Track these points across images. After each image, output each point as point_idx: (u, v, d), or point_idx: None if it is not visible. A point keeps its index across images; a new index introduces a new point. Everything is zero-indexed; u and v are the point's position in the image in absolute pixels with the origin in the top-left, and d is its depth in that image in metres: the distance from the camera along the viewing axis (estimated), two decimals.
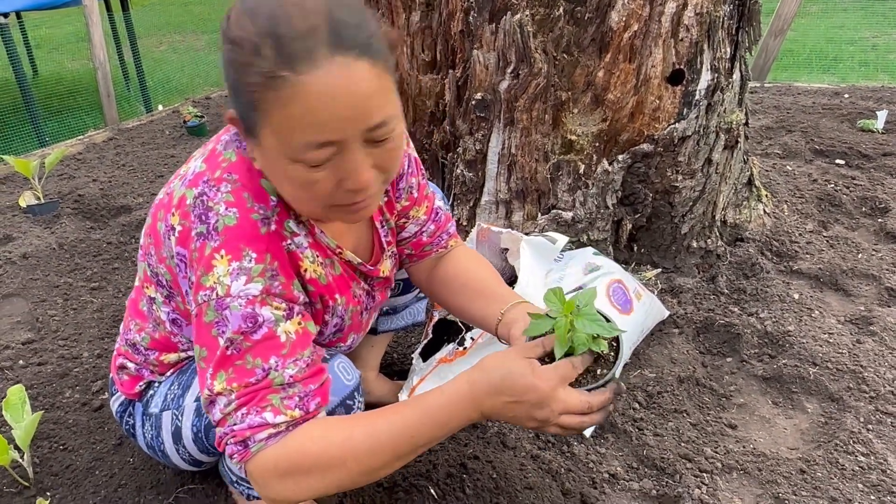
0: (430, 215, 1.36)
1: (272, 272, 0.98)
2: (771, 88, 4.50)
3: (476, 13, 2.02)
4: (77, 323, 2.14)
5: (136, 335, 1.26)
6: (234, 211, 0.98)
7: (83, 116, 4.91)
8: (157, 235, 1.07)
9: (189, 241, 0.98)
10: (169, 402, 1.24)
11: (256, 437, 0.95)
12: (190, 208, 0.99)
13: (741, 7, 2.03)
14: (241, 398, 0.95)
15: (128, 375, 1.30)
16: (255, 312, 0.96)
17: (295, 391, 0.97)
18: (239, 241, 0.97)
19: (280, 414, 0.96)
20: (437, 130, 2.29)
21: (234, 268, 0.96)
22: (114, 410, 1.37)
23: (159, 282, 1.13)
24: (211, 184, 1.00)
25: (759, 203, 2.48)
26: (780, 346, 1.91)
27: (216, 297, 0.96)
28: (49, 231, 2.74)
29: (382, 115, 0.88)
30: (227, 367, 0.96)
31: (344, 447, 0.96)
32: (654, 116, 2.00)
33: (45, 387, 1.83)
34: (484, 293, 1.29)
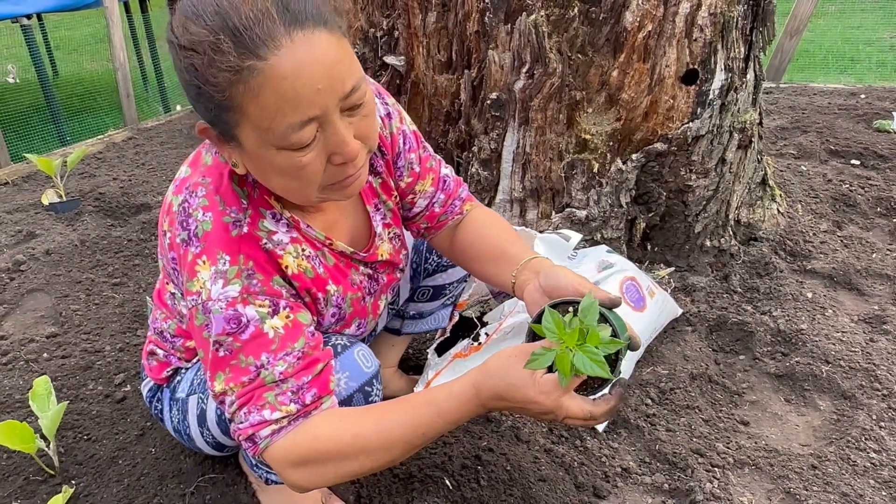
0: (437, 185, 1.35)
1: (248, 272, 1.01)
2: (786, 89, 4.49)
3: (491, 14, 2.04)
4: (99, 318, 2.19)
5: (162, 323, 1.31)
6: (210, 216, 1.01)
7: (103, 116, 4.98)
8: (161, 238, 1.11)
9: (175, 247, 1.03)
10: (195, 386, 1.28)
11: (260, 434, 1.01)
12: (175, 215, 1.03)
13: (755, 7, 2.04)
14: (241, 398, 1.01)
15: (157, 361, 1.35)
16: (237, 313, 0.99)
17: (287, 386, 1.01)
18: (215, 245, 1.00)
19: (276, 410, 1.00)
20: (453, 129, 2.31)
21: (212, 272, 0.99)
22: (144, 395, 1.43)
23: (173, 280, 1.16)
24: (191, 189, 1.03)
25: (772, 202, 2.49)
26: (792, 344, 1.92)
27: (201, 301, 1.00)
28: (71, 228, 2.79)
29: (353, 80, 0.90)
30: (224, 368, 1.01)
31: (355, 444, 1.00)
32: (668, 116, 2.02)
33: (69, 379, 1.87)
34: (495, 256, 1.30)
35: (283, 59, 0.84)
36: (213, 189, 1.02)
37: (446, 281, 1.65)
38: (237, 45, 0.83)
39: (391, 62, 2.34)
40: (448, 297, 1.69)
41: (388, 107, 1.24)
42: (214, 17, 0.84)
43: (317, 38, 0.86)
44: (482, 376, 1.02)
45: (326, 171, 0.95)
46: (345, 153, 0.93)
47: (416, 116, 2.40)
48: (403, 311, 1.71)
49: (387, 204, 1.29)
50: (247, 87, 0.84)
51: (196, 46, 0.84)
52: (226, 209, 1.02)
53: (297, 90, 0.85)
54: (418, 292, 1.66)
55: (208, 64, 0.84)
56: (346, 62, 0.89)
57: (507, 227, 1.38)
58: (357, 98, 0.91)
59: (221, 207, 1.01)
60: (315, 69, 0.85)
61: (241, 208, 1.03)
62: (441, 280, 1.64)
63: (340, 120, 0.91)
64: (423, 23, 2.25)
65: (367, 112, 0.96)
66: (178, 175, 1.10)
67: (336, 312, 1.19)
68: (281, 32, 0.84)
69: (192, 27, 0.85)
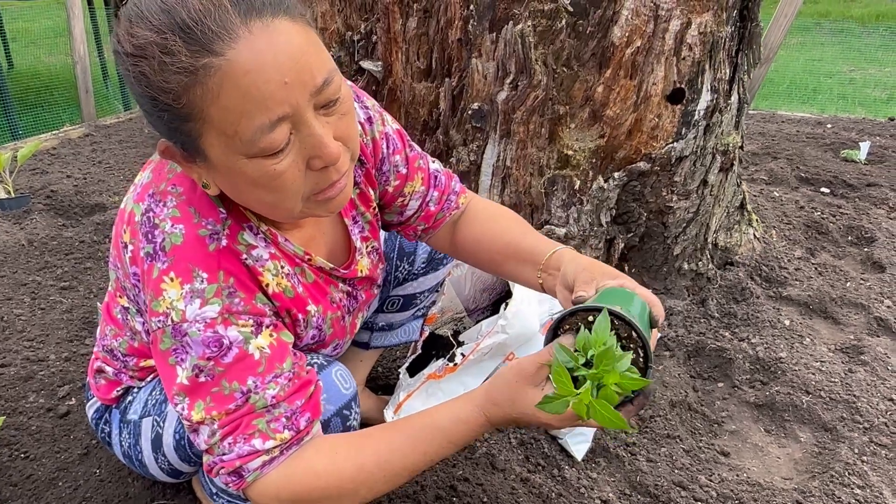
0: (428, 183, 1.26)
1: (229, 290, 0.90)
2: (755, 115, 4.54)
3: (476, 21, 1.98)
4: (45, 324, 2.04)
5: (112, 341, 1.17)
6: (181, 228, 0.89)
7: (59, 112, 4.78)
8: (118, 249, 0.98)
9: (139, 261, 0.91)
10: (150, 408, 1.15)
11: (249, 467, 0.89)
12: (138, 226, 0.91)
13: (742, 29, 2.02)
14: (225, 427, 0.89)
15: (105, 380, 1.22)
16: (218, 335, 0.88)
17: (280, 412, 0.90)
18: (187, 261, 0.88)
19: (269, 439, 0.89)
20: (430, 140, 2.24)
21: (185, 291, 0.88)
22: (89, 417, 1.29)
23: (128, 295, 1.04)
24: (157, 198, 0.91)
25: (749, 227, 2.47)
26: (771, 372, 1.88)
27: (171, 323, 0.88)
28: (18, 227, 2.63)
29: (324, 72, 0.80)
30: (204, 396, 0.89)
31: (357, 479, 0.91)
32: (653, 135, 1.98)
33: (6, 390, 1.72)
34: (511, 254, 1.20)
35: (242, 52, 0.74)
36: (185, 199, 0.91)
37: (417, 290, 1.56)
38: (188, 43, 0.73)
39: (368, 67, 2.26)
40: (419, 308, 1.61)
41: (367, 110, 1.14)
42: (160, 15, 0.74)
43: (278, 26, 0.77)
44: (492, 407, 0.95)
45: (307, 178, 0.85)
46: (324, 155, 0.83)
47: None
48: (372, 323, 1.61)
49: (365, 216, 1.19)
50: (205, 89, 0.75)
51: (143, 51, 0.75)
52: (201, 221, 0.90)
53: (261, 86, 0.75)
54: (388, 302, 1.57)
55: (159, 69, 0.75)
56: (314, 52, 0.80)
57: (511, 216, 1.28)
58: (331, 93, 0.81)
59: (196, 220, 0.90)
60: (280, 60, 0.76)
61: (218, 219, 0.92)
62: (412, 289, 1.56)
63: (315, 118, 0.81)
64: (403, 28, 2.17)
65: (346, 110, 0.86)
66: (137, 181, 0.98)
67: (316, 335, 1.10)
68: (237, 23, 0.74)
69: (136, 31, 0.75)
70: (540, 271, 1.14)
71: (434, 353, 1.74)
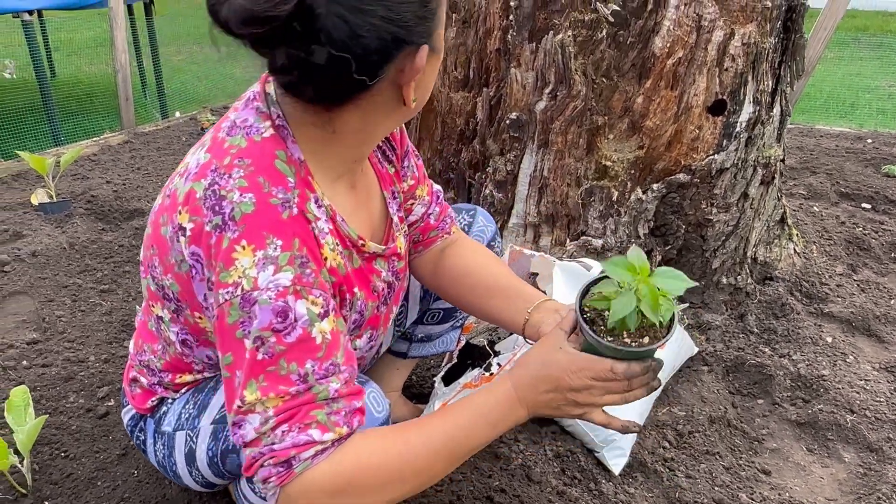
0: (432, 197, 1.31)
1: (302, 259, 0.89)
2: (793, 129, 4.46)
3: (515, 32, 1.98)
4: (85, 325, 2.07)
5: (149, 356, 1.17)
6: (251, 196, 0.88)
7: (99, 119, 4.88)
8: (162, 242, 0.98)
9: (204, 237, 0.89)
10: (183, 421, 1.15)
11: (302, 456, 0.86)
12: (201, 201, 0.90)
13: (785, 41, 1.99)
14: (281, 415, 0.86)
15: (140, 389, 1.22)
16: (286, 306, 0.86)
17: (340, 407, 0.89)
18: (260, 228, 0.87)
19: (328, 431, 0.87)
20: (466, 149, 2.24)
21: (259, 257, 0.86)
22: (125, 423, 1.29)
23: (165, 296, 1.03)
24: (220, 172, 0.91)
25: (789, 242, 2.42)
26: (814, 390, 1.84)
27: (241, 292, 0.85)
28: (60, 230, 2.68)
29: None
30: (258, 375, 0.86)
31: (403, 458, 0.90)
32: (693, 146, 1.95)
33: (48, 390, 1.75)
34: (502, 291, 1.24)
35: None
36: (253, 170, 0.91)
37: None
38: None
39: None
40: (458, 320, 1.61)
41: None
42: None
43: None
44: (518, 369, 1.00)
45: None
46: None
47: (429, 134, 2.32)
48: (411, 334, 1.61)
49: (399, 196, 1.22)
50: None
51: None
52: (271, 189, 0.90)
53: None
54: (428, 315, 1.57)
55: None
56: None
57: (502, 262, 1.33)
58: None
59: (266, 189, 0.90)
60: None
61: (288, 188, 0.92)
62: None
63: None
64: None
65: None
66: (191, 164, 0.97)
67: (357, 319, 1.09)
68: None
69: None
70: (532, 308, 1.18)
71: (470, 362, 1.73)
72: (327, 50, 0.80)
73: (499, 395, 0.98)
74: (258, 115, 0.96)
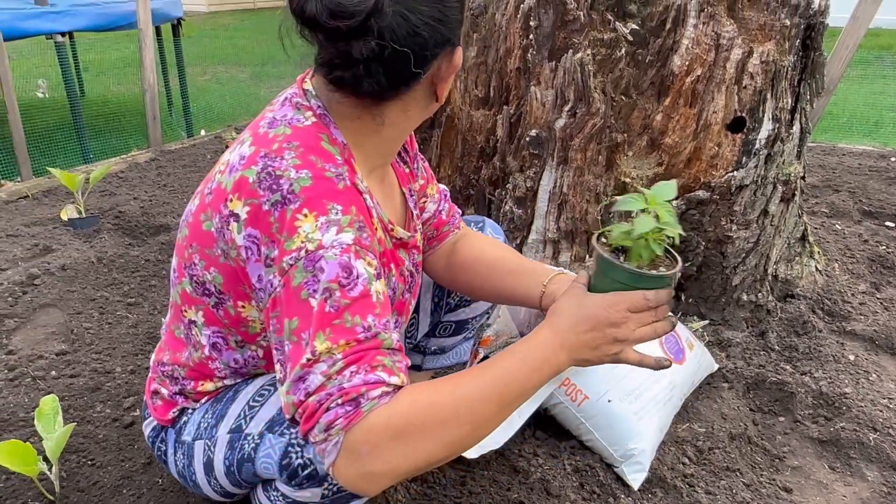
0: (441, 195, 1.39)
1: (359, 223, 0.95)
2: (815, 148, 4.44)
3: (535, 51, 2.01)
4: (112, 337, 2.11)
5: (173, 366, 1.20)
6: (306, 172, 0.95)
7: (126, 138, 4.98)
8: (205, 237, 1.02)
9: (262, 216, 0.94)
10: (202, 431, 1.18)
11: (371, 394, 0.87)
12: (255, 185, 0.95)
13: (805, 59, 2.00)
14: (349, 356, 0.88)
15: (161, 401, 1.25)
16: (350, 263, 0.91)
17: (399, 359, 0.93)
18: (320, 197, 0.93)
19: (394, 375, 0.90)
20: (486, 166, 2.26)
21: (321, 222, 0.92)
22: (146, 435, 1.31)
23: (206, 291, 1.07)
24: (272, 156, 0.97)
25: (811, 260, 2.41)
26: (836, 408, 1.83)
27: (305, 254, 0.90)
28: (88, 245, 2.74)
29: None
30: (325, 327, 0.89)
31: (456, 397, 0.92)
32: (712, 163, 1.96)
33: (76, 399, 1.79)
34: (515, 270, 1.30)
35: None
36: (303, 150, 0.97)
37: (469, 315, 1.58)
38: None
39: None
40: (470, 331, 1.64)
41: None
42: None
43: None
44: (554, 316, 1.05)
45: None
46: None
47: (450, 151, 2.36)
48: (425, 347, 1.64)
49: (414, 195, 1.29)
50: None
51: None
52: (324, 165, 0.97)
53: None
54: (440, 327, 1.59)
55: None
56: None
57: (511, 248, 1.39)
58: None
59: (319, 165, 0.96)
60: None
61: (337, 164, 0.99)
62: (464, 315, 1.58)
63: None
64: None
65: None
66: (232, 160, 1.01)
67: (391, 296, 1.14)
68: None
69: None
70: (547, 280, 1.24)
71: None
72: (390, 44, 0.90)
73: (539, 340, 1.02)
74: (297, 108, 1.03)
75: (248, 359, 1.15)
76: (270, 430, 1.06)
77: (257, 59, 8.54)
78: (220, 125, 5.16)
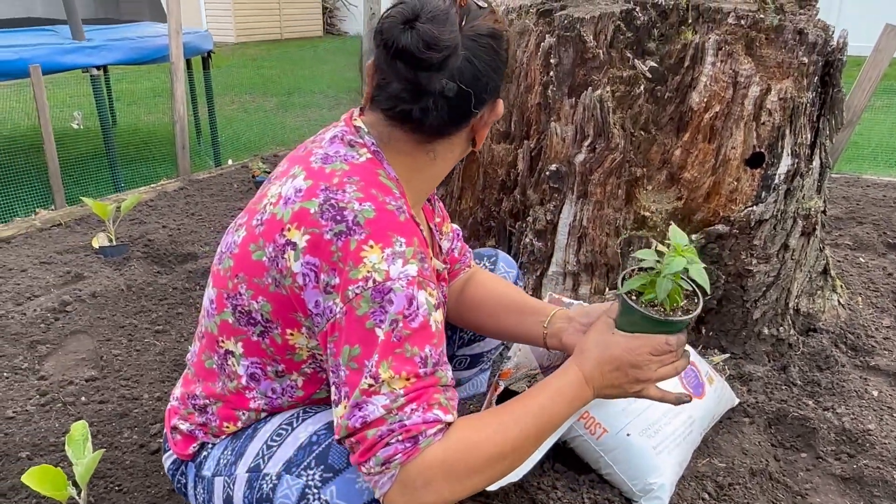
0: (455, 234, 1.44)
1: (421, 255, 1.00)
2: (839, 179, 4.42)
3: (555, 87, 2.05)
4: (139, 364, 2.16)
5: (206, 398, 1.22)
6: (370, 205, 1.00)
7: (156, 166, 5.11)
8: (256, 266, 1.05)
9: (324, 245, 0.98)
10: (221, 467, 1.19)
11: (429, 432, 0.94)
12: (317, 215, 1.00)
13: (823, 95, 2.02)
14: (410, 394, 0.94)
15: (181, 435, 1.27)
16: (413, 294, 0.96)
17: (451, 395, 0.99)
18: (385, 229, 0.98)
19: (449, 413, 0.96)
20: (507, 199, 2.30)
21: (387, 253, 0.97)
22: (165, 467, 1.34)
23: (250, 320, 1.09)
24: (333, 189, 1.02)
25: (833, 293, 2.40)
26: (859, 444, 1.81)
27: (373, 284, 0.95)
28: (118, 272, 2.81)
29: None
30: (388, 356, 0.94)
31: (501, 435, 1.00)
32: (731, 198, 1.98)
33: (104, 425, 1.84)
34: (518, 309, 1.36)
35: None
36: (364, 184, 1.03)
37: (484, 349, 1.61)
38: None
39: None
40: (485, 363, 1.67)
41: None
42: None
43: None
44: (580, 355, 1.13)
45: None
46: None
47: (471, 183, 2.40)
48: None
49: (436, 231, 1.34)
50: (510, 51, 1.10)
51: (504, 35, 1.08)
52: (385, 199, 1.02)
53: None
54: (455, 361, 1.62)
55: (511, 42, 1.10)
56: None
57: (514, 286, 1.46)
58: None
59: (381, 198, 1.02)
60: None
61: (395, 197, 1.04)
62: (479, 349, 1.61)
63: None
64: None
65: None
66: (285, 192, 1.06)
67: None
68: None
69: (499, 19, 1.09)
70: (547, 320, 1.30)
71: None
72: (458, 83, 1.01)
73: (570, 375, 1.10)
74: (350, 146, 1.09)
75: (285, 388, 1.17)
76: (288, 472, 1.07)
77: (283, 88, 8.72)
78: (246, 154, 5.27)
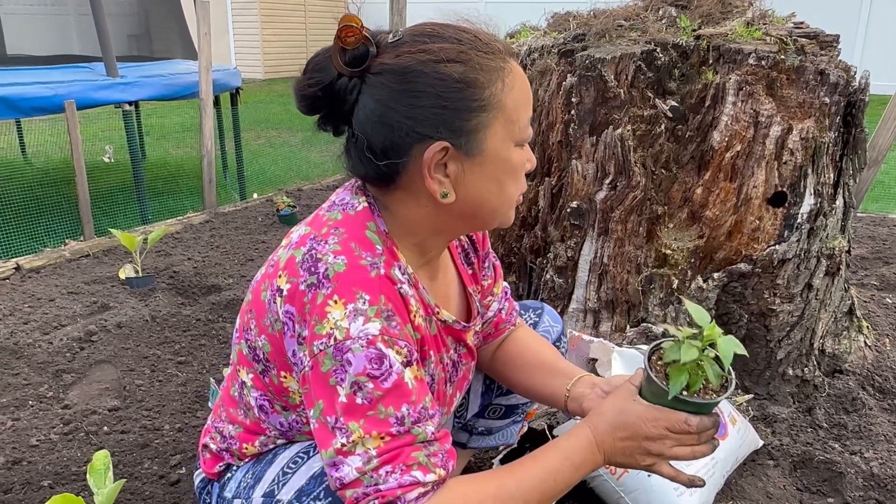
0: (504, 293, 1.41)
1: (388, 312, 0.98)
2: (864, 218, 4.38)
3: (577, 125, 2.07)
4: (161, 395, 2.18)
5: (225, 424, 1.25)
6: (343, 258, 0.99)
7: (183, 199, 5.21)
8: (261, 306, 1.08)
9: (298, 295, 0.99)
10: (241, 490, 1.21)
11: (407, 497, 0.92)
12: (299, 265, 1.01)
13: (846, 135, 2.01)
14: (384, 455, 0.92)
15: (210, 454, 1.29)
16: (381, 352, 0.94)
17: (436, 449, 0.96)
18: (351, 284, 0.97)
19: (429, 472, 0.94)
20: (528, 235, 2.31)
21: (349, 310, 0.95)
22: (195, 484, 1.36)
23: (256, 357, 1.13)
24: (318, 239, 1.03)
25: (859, 334, 2.37)
26: (888, 490, 1.76)
27: (334, 342, 0.94)
28: (143, 303, 2.86)
29: None
30: (359, 418, 0.93)
31: (499, 497, 0.96)
32: (754, 237, 1.97)
33: (125, 455, 1.85)
34: (546, 368, 1.33)
35: (515, 64, 1.02)
36: (346, 237, 1.02)
37: (521, 401, 1.59)
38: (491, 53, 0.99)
39: None
40: (519, 415, 1.64)
41: None
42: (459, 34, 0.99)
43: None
44: (596, 416, 1.08)
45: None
46: (533, 159, 1.09)
47: None
48: (472, 427, 1.64)
49: (477, 294, 1.31)
50: (504, 83, 0.99)
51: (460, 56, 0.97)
52: (361, 253, 1.01)
53: (527, 89, 1.03)
54: (489, 409, 1.61)
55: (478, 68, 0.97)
56: None
57: (549, 345, 1.43)
58: None
59: (357, 252, 1.01)
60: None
61: (376, 254, 1.03)
62: (516, 400, 1.59)
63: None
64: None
65: None
66: (293, 237, 1.09)
67: (429, 383, 1.16)
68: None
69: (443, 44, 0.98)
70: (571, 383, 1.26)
71: (528, 445, 1.75)
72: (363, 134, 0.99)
73: (580, 438, 1.05)
74: (355, 192, 1.10)
75: (292, 423, 1.19)
76: (299, 500, 1.08)
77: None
78: (271, 188, 5.36)
